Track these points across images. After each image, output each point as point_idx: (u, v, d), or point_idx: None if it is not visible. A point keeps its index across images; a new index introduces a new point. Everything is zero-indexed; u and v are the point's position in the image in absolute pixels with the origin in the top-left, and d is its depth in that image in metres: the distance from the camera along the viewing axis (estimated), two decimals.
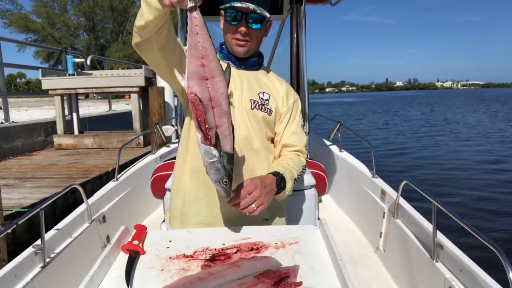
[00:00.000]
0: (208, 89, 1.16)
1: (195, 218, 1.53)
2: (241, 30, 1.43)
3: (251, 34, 1.46)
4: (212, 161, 1.19)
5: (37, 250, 1.63)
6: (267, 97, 1.54)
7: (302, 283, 1.01)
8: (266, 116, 1.53)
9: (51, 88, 6.75)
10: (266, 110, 1.53)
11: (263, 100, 1.53)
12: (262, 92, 1.54)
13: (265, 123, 1.53)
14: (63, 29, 34.51)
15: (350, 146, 4.34)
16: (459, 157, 10.46)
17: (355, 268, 2.45)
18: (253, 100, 1.51)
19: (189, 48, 1.14)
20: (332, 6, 3.99)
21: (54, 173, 4.86)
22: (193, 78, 1.15)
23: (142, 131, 6.74)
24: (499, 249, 1.28)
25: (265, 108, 1.53)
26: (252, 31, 1.45)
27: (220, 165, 1.19)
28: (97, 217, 2.30)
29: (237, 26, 1.44)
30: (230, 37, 1.47)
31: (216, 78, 1.16)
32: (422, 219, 2.03)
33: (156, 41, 1.25)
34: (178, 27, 3.72)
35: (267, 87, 1.57)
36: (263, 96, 1.54)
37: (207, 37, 1.14)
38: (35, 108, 14.39)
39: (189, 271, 1.09)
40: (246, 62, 1.55)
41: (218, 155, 1.18)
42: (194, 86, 1.15)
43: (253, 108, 1.51)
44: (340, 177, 3.74)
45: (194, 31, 1.13)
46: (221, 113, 1.18)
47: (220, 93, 1.17)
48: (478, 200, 6.47)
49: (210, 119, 1.17)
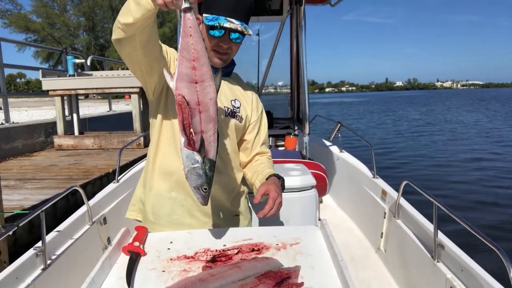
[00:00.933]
0: (197, 92, 1.14)
1: (169, 217, 1.53)
2: (224, 45, 1.43)
3: (232, 47, 1.47)
4: (194, 166, 1.16)
5: (38, 252, 1.63)
6: (238, 105, 1.59)
7: (303, 283, 1.01)
8: (237, 123, 1.58)
9: (51, 88, 6.75)
10: (238, 118, 1.58)
11: (235, 108, 1.57)
12: (234, 100, 1.59)
13: (236, 130, 1.59)
14: (63, 29, 34.48)
15: (350, 146, 4.34)
16: (459, 157, 10.47)
17: (356, 269, 2.45)
18: (227, 107, 1.55)
19: (181, 49, 1.12)
20: (332, 7, 3.99)
21: (54, 174, 4.86)
22: (183, 80, 1.13)
23: (143, 132, 6.74)
24: (500, 249, 1.27)
25: (237, 115, 1.58)
26: (233, 44, 1.46)
27: (202, 171, 1.17)
28: (98, 218, 2.30)
29: (220, 39, 1.42)
30: (210, 47, 1.44)
31: (206, 83, 1.15)
32: (423, 219, 2.03)
33: (140, 39, 1.23)
34: (178, 27, 3.72)
35: (238, 95, 1.62)
36: (235, 103, 1.58)
37: (200, 39, 1.13)
38: (35, 108, 14.39)
39: (190, 272, 1.09)
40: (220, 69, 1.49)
41: (201, 161, 1.16)
42: (183, 88, 1.13)
43: (227, 115, 1.55)
44: (341, 178, 3.74)
45: (187, 32, 1.11)
46: (208, 119, 1.16)
47: (209, 98, 1.16)
48: (478, 199, 6.47)
49: (196, 123, 1.15)
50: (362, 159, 3.51)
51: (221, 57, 1.47)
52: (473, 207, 6.08)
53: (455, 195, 6.70)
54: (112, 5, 35.02)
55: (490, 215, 5.69)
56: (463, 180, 7.83)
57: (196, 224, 1.52)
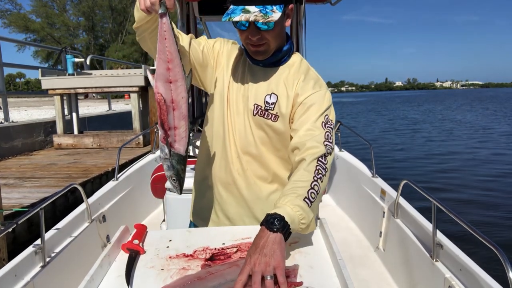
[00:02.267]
0: (171, 91, 1.23)
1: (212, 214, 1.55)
2: (252, 37, 1.27)
3: (265, 36, 1.28)
4: (164, 158, 1.28)
5: (37, 250, 1.63)
6: (274, 100, 1.36)
7: (302, 282, 1.01)
8: (269, 122, 1.37)
9: (50, 88, 6.75)
10: (270, 116, 1.36)
11: (268, 105, 1.36)
12: (270, 94, 1.37)
13: (271, 129, 1.37)
14: (62, 29, 34.49)
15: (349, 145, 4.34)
16: (458, 156, 10.48)
17: (355, 268, 2.45)
18: (257, 105, 1.37)
19: (158, 52, 1.22)
20: (332, 6, 3.99)
21: (54, 172, 4.86)
22: (160, 80, 1.23)
23: (142, 131, 6.74)
24: (498, 248, 1.28)
25: (269, 113, 1.36)
26: (265, 33, 1.27)
27: (169, 163, 1.27)
28: (97, 216, 2.30)
29: (247, 32, 1.28)
30: (244, 42, 1.34)
31: (178, 82, 1.23)
32: (422, 219, 2.03)
33: (150, 41, 1.32)
34: (178, 26, 3.72)
35: (278, 87, 1.38)
36: (269, 99, 1.37)
37: (173, 42, 1.22)
38: (35, 108, 14.39)
39: (189, 271, 1.08)
40: (263, 61, 1.39)
41: (168, 153, 1.26)
42: (160, 87, 1.23)
43: (255, 115, 1.38)
44: (340, 177, 3.74)
45: (162, 36, 1.21)
46: (180, 116, 1.25)
47: (181, 96, 1.24)
48: (478, 199, 6.48)
49: (170, 119, 1.24)
50: (362, 158, 3.52)
51: (257, 50, 1.32)
52: (472, 206, 6.09)
53: (455, 195, 6.70)
54: (112, 5, 35.02)
55: (490, 214, 5.70)
56: (463, 180, 7.84)
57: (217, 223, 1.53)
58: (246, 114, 1.40)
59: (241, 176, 1.43)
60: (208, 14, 4.28)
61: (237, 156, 1.42)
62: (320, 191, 1.19)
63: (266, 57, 1.36)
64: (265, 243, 1.00)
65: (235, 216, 1.48)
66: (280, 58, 1.40)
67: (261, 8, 1.20)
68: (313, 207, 1.15)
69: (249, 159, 1.41)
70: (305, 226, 1.12)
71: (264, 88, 1.39)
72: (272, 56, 1.37)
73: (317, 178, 1.19)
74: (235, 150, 1.42)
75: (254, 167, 1.42)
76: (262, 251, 0.98)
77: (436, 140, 13.86)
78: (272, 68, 1.41)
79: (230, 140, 1.42)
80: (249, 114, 1.39)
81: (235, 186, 1.44)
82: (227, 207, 1.48)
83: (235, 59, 1.47)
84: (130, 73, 7.11)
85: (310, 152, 1.23)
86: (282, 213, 1.06)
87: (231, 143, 1.42)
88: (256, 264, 0.96)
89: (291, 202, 1.10)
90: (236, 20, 1.21)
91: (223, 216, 1.51)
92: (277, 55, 1.38)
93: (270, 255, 0.97)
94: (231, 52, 1.48)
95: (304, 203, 1.12)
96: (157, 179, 2.61)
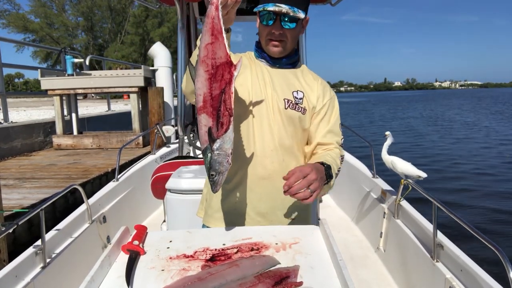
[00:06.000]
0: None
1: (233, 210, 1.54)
2: (275, 31, 1.41)
3: (286, 34, 1.42)
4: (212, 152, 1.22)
5: (37, 251, 1.63)
6: (301, 96, 1.50)
7: (302, 283, 1.01)
8: (300, 116, 1.49)
9: (50, 88, 6.75)
10: (300, 109, 1.49)
11: (297, 99, 1.49)
12: (296, 91, 1.50)
13: (299, 122, 1.50)
14: (61, 29, 34.45)
15: (349, 146, 4.34)
16: (458, 157, 10.48)
17: (355, 268, 2.45)
18: (287, 99, 1.47)
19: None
20: (332, 6, 3.99)
21: (53, 173, 4.86)
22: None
23: (141, 131, 6.74)
24: (499, 249, 1.28)
25: (299, 107, 1.49)
26: (286, 31, 1.41)
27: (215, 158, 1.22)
28: (97, 217, 2.30)
29: (271, 27, 1.41)
30: (265, 37, 1.45)
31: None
32: (423, 219, 2.03)
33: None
34: (178, 27, 3.72)
35: (301, 85, 1.52)
36: (297, 94, 1.49)
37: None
38: (34, 108, 14.37)
39: (189, 271, 1.08)
40: (280, 61, 1.53)
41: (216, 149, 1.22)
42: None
43: (287, 108, 1.47)
44: (340, 177, 3.72)
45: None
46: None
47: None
48: (477, 199, 6.49)
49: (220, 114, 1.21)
50: (362, 159, 3.52)
51: (276, 45, 1.44)
52: (472, 207, 6.09)
53: (455, 195, 6.71)
54: (111, 5, 35.01)
55: (490, 214, 5.71)
56: (462, 179, 7.85)
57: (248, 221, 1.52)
58: (277, 109, 1.47)
59: (279, 168, 1.48)
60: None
61: (274, 149, 1.48)
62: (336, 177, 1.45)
63: (282, 55, 1.48)
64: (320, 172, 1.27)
65: (269, 210, 1.51)
66: (295, 60, 1.55)
67: (290, 7, 1.36)
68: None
69: (283, 152, 1.49)
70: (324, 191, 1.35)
71: (289, 85, 1.50)
72: (288, 58, 1.51)
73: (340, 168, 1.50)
74: (271, 144, 1.47)
75: (288, 159, 1.51)
76: (319, 172, 1.25)
77: (436, 140, 13.88)
78: (289, 69, 1.54)
79: (262, 136, 1.47)
80: (280, 109, 1.47)
81: (270, 179, 1.48)
82: (259, 204, 1.49)
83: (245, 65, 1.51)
84: (130, 73, 7.11)
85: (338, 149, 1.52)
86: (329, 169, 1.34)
87: (265, 138, 1.47)
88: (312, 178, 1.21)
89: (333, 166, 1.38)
90: (270, 10, 1.35)
91: (254, 214, 1.51)
92: (293, 57, 1.53)
93: (321, 179, 1.26)
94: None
95: (335, 175, 1.41)
96: (158, 179, 2.61)
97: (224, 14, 1.17)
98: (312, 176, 1.20)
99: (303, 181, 1.19)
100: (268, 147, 1.47)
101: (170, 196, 2.28)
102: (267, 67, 1.51)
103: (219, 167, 1.21)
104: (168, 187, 2.18)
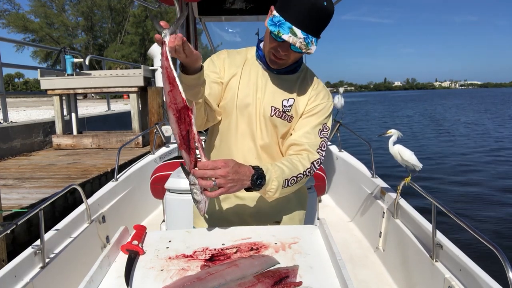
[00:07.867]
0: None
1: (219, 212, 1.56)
2: (281, 51, 1.33)
3: (290, 56, 1.36)
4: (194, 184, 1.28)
5: (36, 251, 1.63)
6: (291, 103, 1.46)
7: (301, 283, 1.01)
8: (285, 123, 1.46)
9: (49, 88, 6.74)
10: (287, 118, 1.46)
11: (285, 107, 1.45)
12: (287, 99, 1.46)
13: (284, 128, 1.47)
14: (61, 29, 34.46)
15: (349, 145, 4.34)
16: (458, 156, 10.49)
17: (354, 268, 2.45)
18: (274, 107, 1.45)
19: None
20: None
21: (53, 173, 4.85)
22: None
23: (141, 131, 6.74)
24: (498, 249, 1.28)
25: (286, 115, 1.45)
26: (292, 53, 1.35)
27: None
28: (96, 217, 2.30)
29: (278, 44, 1.32)
30: (269, 48, 1.37)
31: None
32: (422, 219, 2.03)
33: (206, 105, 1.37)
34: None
35: (294, 92, 1.48)
36: (287, 102, 1.46)
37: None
38: (33, 108, 14.37)
39: (188, 271, 1.08)
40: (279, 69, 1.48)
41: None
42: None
43: (273, 115, 1.45)
44: (340, 177, 3.74)
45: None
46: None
47: None
48: (477, 199, 6.49)
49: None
50: (361, 158, 3.52)
51: (276, 61, 1.39)
52: (472, 206, 6.09)
53: (454, 195, 6.71)
54: (111, 5, 35.00)
55: (489, 214, 5.70)
56: (462, 179, 7.85)
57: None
58: (263, 115, 1.46)
59: None
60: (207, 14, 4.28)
61: (257, 155, 1.48)
62: (296, 185, 1.39)
63: (280, 67, 1.44)
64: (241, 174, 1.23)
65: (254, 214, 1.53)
66: (294, 68, 1.50)
67: (305, 36, 1.26)
68: (284, 190, 1.35)
69: (266, 156, 1.50)
70: (266, 195, 1.34)
71: (281, 92, 1.47)
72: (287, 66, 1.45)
73: (304, 175, 1.39)
74: (252, 149, 1.48)
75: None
76: (236, 174, 1.22)
77: (435, 140, 13.88)
78: (287, 75, 1.49)
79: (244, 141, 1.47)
80: (265, 116, 1.45)
81: None
82: (243, 208, 1.51)
83: (238, 65, 1.49)
84: (130, 73, 7.10)
85: (307, 153, 1.42)
86: (267, 178, 1.29)
87: (247, 143, 1.48)
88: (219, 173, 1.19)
89: (276, 176, 1.31)
90: (284, 39, 1.25)
91: (237, 218, 1.53)
92: (293, 64, 1.46)
93: (235, 181, 1.22)
94: (230, 61, 1.50)
95: (283, 182, 1.33)
96: (157, 179, 2.61)
97: (184, 57, 1.13)
98: (220, 172, 1.19)
99: (209, 171, 1.20)
100: (250, 152, 1.47)
101: (169, 196, 2.27)
102: (264, 70, 1.48)
103: (197, 197, 1.27)
104: (168, 187, 2.18)
